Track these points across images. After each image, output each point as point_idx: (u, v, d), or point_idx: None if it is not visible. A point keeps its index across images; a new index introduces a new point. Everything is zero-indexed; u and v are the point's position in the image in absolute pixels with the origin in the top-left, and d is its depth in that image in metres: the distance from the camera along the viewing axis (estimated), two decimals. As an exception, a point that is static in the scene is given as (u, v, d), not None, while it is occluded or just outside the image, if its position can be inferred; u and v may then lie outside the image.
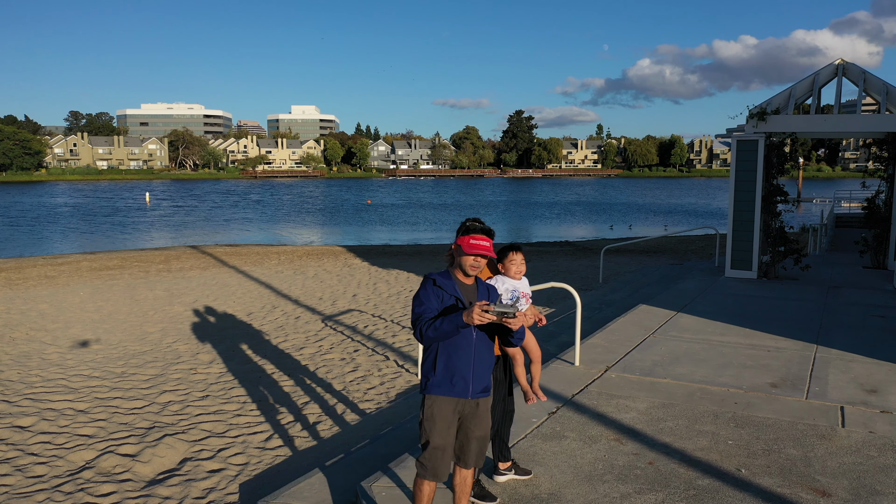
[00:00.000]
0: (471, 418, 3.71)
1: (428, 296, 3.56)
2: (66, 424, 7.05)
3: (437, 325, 3.40)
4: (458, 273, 3.67)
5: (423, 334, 3.46)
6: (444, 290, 3.58)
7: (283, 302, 14.79)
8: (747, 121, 13.66)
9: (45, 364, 9.59)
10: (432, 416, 3.61)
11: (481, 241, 3.59)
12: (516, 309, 3.27)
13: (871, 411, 6.24)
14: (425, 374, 3.70)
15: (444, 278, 3.63)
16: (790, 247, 13.80)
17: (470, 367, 3.63)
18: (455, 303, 3.56)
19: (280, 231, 40.91)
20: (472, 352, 3.63)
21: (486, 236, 3.65)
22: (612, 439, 5.57)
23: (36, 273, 20.23)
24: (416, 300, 3.59)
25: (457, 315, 3.36)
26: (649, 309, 10.87)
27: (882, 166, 15.28)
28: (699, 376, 7.30)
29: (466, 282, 3.69)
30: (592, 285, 16.41)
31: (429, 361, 3.68)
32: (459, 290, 3.62)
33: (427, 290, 3.58)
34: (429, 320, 3.46)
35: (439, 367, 3.61)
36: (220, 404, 7.75)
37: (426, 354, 3.71)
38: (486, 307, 3.23)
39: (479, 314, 3.23)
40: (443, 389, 3.61)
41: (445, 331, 3.39)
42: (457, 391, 3.62)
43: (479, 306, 3.24)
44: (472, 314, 3.25)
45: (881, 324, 9.82)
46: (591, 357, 8.04)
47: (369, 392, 8.17)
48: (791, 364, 7.75)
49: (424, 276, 3.68)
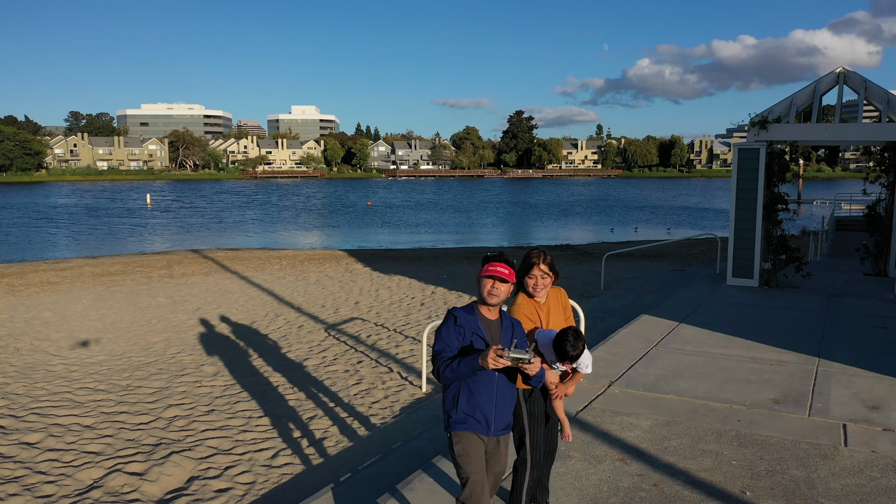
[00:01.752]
0: (491, 455, 3.70)
1: (449, 333, 3.52)
2: (73, 441, 7.10)
3: (454, 367, 3.37)
4: (481, 306, 3.63)
5: (440, 374, 3.43)
6: (465, 327, 3.53)
7: (286, 310, 14.83)
8: (748, 129, 13.71)
9: (51, 376, 9.63)
10: (466, 451, 3.58)
11: (499, 267, 3.55)
12: (532, 355, 3.21)
13: (873, 429, 6.28)
14: (447, 410, 3.66)
15: (467, 313, 3.59)
16: (791, 255, 13.83)
17: (492, 406, 3.61)
18: (475, 340, 3.52)
19: (281, 234, 40.96)
20: (495, 390, 3.60)
21: (504, 263, 3.60)
22: (616, 459, 5.61)
23: (38, 279, 20.27)
24: (437, 336, 3.56)
25: (473, 358, 3.31)
26: (651, 319, 10.92)
27: (882, 173, 15.32)
28: (702, 392, 7.35)
29: (490, 316, 3.64)
30: (594, 292, 16.45)
31: (450, 398, 3.64)
32: (482, 325, 3.57)
33: (448, 326, 3.54)
34: (447, 360, 3.42)
35: (461, 405, 3.59)
36: (226, 419, 7.79)
37: (447, 391, 3.67)
38: (500, 352, 3.19)
39: (494, 359, 3.19)
40: (467, 426, 3.59)
41: (462, 373, 3.36)
42: (480, 428, 3.60)
43: (494, 351, 3.20)
44: (486, 358, 3.21)
45: (882, 335, 9.86)
46: (594, 371, 8.07)
47: (374, 406, 8.21)
48: (793, 378, 7.79)
49: (448, 311, 3.64)
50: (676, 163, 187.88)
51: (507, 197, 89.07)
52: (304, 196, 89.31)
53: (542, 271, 4.10)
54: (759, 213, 13.55)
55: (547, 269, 4.12)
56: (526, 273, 4.15)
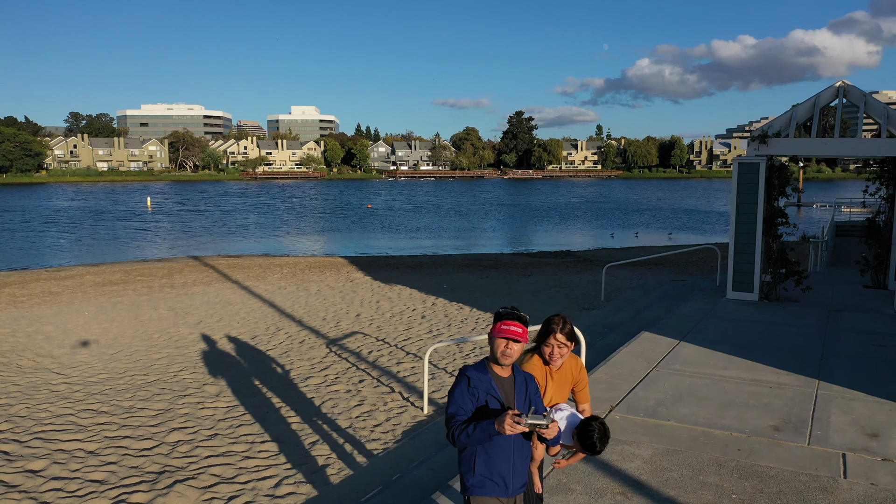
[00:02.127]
0: None
1: (463, 396, 3.47)
2: (77, 469, 7.14)
3: (469, 432, 3.31)
4: (493, 365, 3.59)
5: (455, 438, 3.37)
6: (478, 388, 3.49)
7: (287, 323, 14.88)
8: (749, 144, 13.77)
9: (54, 397, 9.68)
10: None
11: (512, 326, 3.48)
12: (550, 420, 3.16)
13: (872, 459, 6.32)
14: (463, 473, 3.61)
15: (480, 373, 3.55)
16: (791, 268, 13.88)
17: (510, 466, 3.56)
18: (490, 400, 3.48)
19: (282, 239, 41.01)
20: (512, 450, 3.56)
21: (518, 321, 3.53)
22: (617, 493, 5.65)
23: (40, 289, 20.32)
24: (451, 398, 3.50)
25: (489, 423, 3.25)
26: (652, 337, 10.96)
27: (882, 185, 15.36)
28: (702, 418, 7.39)
29: (502, 374, 3.59)
30: (594, 304, 16.50)
31: (466, 461, 3.59)
32: (496, 384, 3.53)
33: (462, 388, 3.49)
34: (461, 424, 3.36)
35: (479, 468, 3.54)
36: (229, 444, 7.83)
37: (463, 453, 3.62)
38: (518, 418, 3.13)
39: (511, 425, 3.12)
40: (485, 490, 3.55)
41: (477, 438, 3.30)
42: (498, 491, 3.57)
43: (511, 417, 3.14)
44: (503, 424, 3.14)
45: (882, 354, 9.91)
46: (595, 394, 8.11)
47: (376, 430, 8.26)
48: (793, 403, 7.83)
49: (460, 371, 3.59)
50: (676, 163, 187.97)
51: (508, 199, 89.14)
52: (304, 198, 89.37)
53: (559, 341, 4.07)
54: (759, 228, 13.59)
55: (565, 338, 4.08)
56: (544, 340, 4.10)
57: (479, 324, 14.50)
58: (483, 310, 16.03)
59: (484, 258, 28.90)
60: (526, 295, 18.11)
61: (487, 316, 15.32)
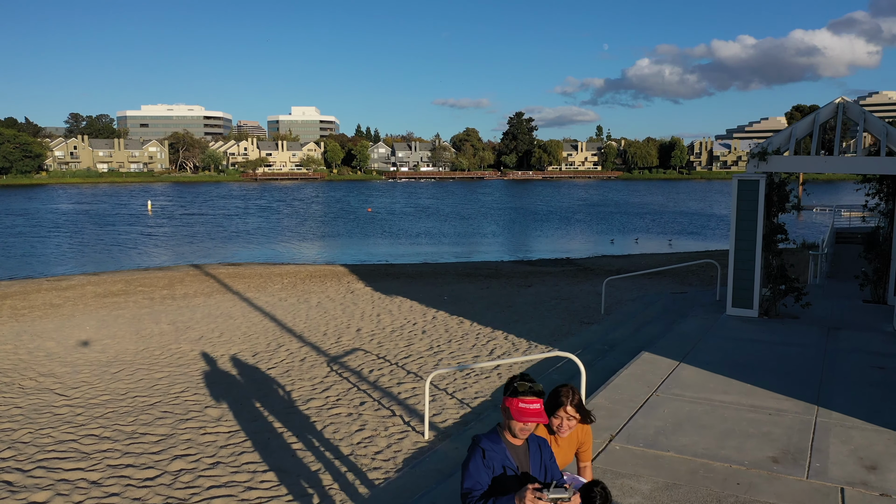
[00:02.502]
0: None
1: (478, 469, 3.41)
2: (80, 501, 7.18)
3: None
4: (507, 434, 3.54)
5: None
6: (493, 460, 3.44)
7: (288, 339, 14.92)
8: (749, 161, 13.82)
9: (56, 421, 9.72)
10: None
11: (531, 405, 3.43)
12: (573, 492, 3.17)
13: (870, 494, 6.36)
14: None
15: (494, 443, 3.50)
16: (790, 285, 13.92)
17: None
18: (505, 472, 3.44)
19: (283, 245, 41.04)
20: None
21: (536, 397, 3.46)
22: (617, 532, 5.70)
23: (41, 300, 20.36)
24: (465, 472, 3.44)
25: (508, 499, 3.22)
26: (652, 358, 11.00)
27: (881, 201, 15.41)
28: (702, 448, 7.43)
29: (516, 442, 3.56)
30: (594, 318, 16.54)
31: None
32: (510, 453, 3.49)
33: (476, 461, 3.43)
34: (478, 500, 3.33)
35: None
36: (231, 473, 7.88)
37: None
38: (539, 495, 3.13)
39: (533, 501, 3.11)
40: None
41: None
42: None
43: (532, 492, 3.13)
44: (525, 500, 3.13)
45: (881, 377, 9.94)
46: (595, 423, 8.14)
47: (377, 458, 8.30)
48: (792, 432, 7.87)
49: (473, 442, 3.54)
50: (676, 164, 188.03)
51: (508, 202, 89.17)
52: (305, 200, 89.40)
53: (569, 413, 4.11)
54: (759, 245, 13.63)
55: (574, 411, 4.12)
56: (552, 412, 4.12)
57: (480, 340, 14.53)
58: (483, 324, 16.07)
59: (484, 266, 28.94)
60: (526, 308, 18.15)
61: (487, 331, 15.36)
